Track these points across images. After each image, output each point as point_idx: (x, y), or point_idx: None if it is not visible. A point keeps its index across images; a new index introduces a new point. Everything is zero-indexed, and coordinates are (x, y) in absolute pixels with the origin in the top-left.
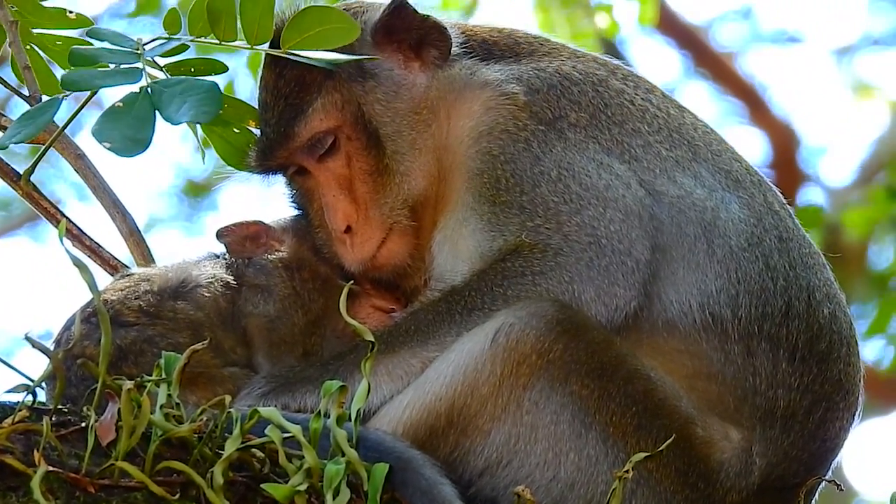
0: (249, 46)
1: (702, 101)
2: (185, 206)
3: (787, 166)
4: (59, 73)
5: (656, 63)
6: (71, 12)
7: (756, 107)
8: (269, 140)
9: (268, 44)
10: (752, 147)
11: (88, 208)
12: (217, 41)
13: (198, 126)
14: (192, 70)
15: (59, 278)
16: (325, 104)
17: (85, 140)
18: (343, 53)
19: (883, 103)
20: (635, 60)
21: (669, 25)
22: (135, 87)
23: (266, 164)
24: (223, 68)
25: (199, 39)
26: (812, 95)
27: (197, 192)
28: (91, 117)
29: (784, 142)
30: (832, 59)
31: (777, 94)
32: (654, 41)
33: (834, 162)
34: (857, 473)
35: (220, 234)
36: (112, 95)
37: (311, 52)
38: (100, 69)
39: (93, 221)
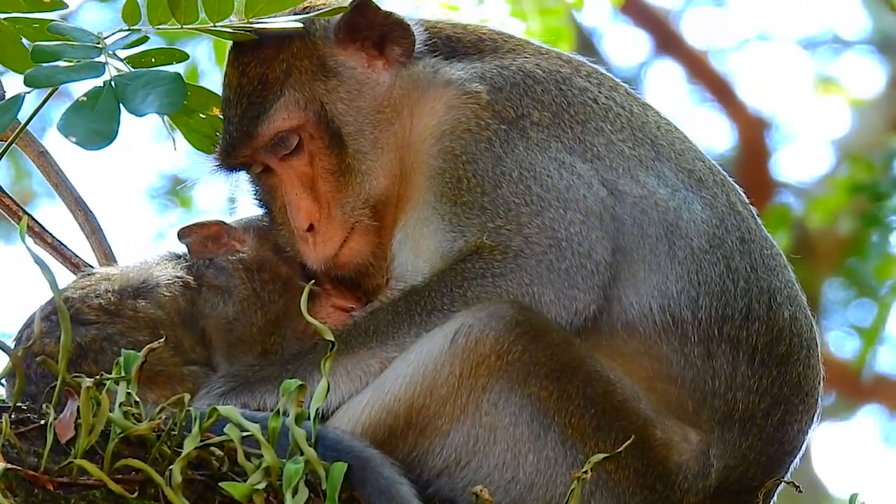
0: (212, 25)
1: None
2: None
3: (757, 169)
4: None
5: (628, 51)
6: None
7: (730, 106)
8: (231, 138)
9: (230, 20)
10: (723, 142)
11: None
12: (178, 26)
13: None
14: (153, 60)
15: (24, 276)
16: (287, 103)
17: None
18: (302, 54)
19: (845, 99)
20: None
21: (643, 17)
22: (98, 82)
23: (229, 161)
24: (184, 56)
25: (159, 27)
26: (779, 91)
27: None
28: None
29: (754, 142)
30: (798, 54)
31: (746, 91)
32: (625, 28)
33: (801, 160)
34: (827, 471)
35: (182, 235)
36: (79, 91)
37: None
38: (63, 64)
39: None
